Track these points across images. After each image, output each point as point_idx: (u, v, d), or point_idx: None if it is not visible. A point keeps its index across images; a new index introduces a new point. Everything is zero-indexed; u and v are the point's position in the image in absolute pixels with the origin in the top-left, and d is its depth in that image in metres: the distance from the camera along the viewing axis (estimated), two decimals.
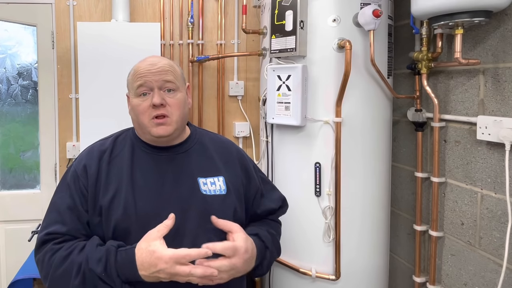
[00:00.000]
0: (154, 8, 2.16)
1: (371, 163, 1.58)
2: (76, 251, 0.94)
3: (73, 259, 0.93)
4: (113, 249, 0.92)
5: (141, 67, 1.02)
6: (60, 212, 1.00)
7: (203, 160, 1.09)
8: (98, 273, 0.89)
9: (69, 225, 0.98)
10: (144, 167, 1.03)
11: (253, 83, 2.23)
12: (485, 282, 1.37)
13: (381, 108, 1.61)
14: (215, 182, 1.05)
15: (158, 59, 1.04)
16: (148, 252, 0.89)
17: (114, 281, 0.90)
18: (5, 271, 2.16)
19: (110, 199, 0.99)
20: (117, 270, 0.90)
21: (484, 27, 1.36)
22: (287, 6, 1.53)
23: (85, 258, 0.92)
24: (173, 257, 0.88)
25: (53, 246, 0.96)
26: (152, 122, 1.00)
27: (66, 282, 0.91)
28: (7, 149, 2.20)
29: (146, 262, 0.89)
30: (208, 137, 1.16)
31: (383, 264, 1.67)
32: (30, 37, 2.17)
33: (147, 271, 0.89)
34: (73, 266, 0.92)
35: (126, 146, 1.07)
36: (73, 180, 1.02)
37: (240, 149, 1.21)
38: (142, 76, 1.00)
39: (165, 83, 1.01)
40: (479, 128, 1.34)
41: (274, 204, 1.19)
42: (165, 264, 0.88)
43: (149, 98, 1.00)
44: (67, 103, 2.12)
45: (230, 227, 0.98)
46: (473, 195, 1.42)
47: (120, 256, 0.91)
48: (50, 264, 0.94)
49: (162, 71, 1.01)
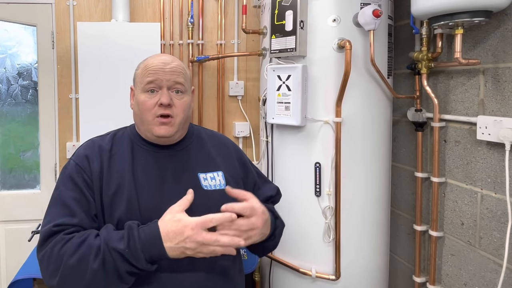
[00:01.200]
0: (154, 8, 2.16)
1: (371, 163, 1.58)
2: (91, 236, 0.90)
3: (90, 243, 0.88)
4: (135, 226, 0.91)
5: (154, 64, 1.01)
6: (66, 205, 0.96)
7: (202, 155, 1.10)
8: (120, 250, 0.86)
9: (79, 216, 0.94)
10: (145, 164, 1.03)
11: (253, 83, 2.23)
12: (485, 282, 1.37)
13: (381, 108, 1.61)
14: (215, 177, 1.06)
15: (171, 59, 1.04)
16: (173, 221, 0.89)
17: (138, 258, 0.86)
18: (5, 271, 2.16)
19: (112, 195, 0.98)
20: (141, 245, 0.87)
21: (484, 27, 1.36)
22: (287, 6, 1.53)
23: (103, 240, 0.88)
24: (199, 223, 0.88)
25: (63, 236, 0.91)
26: (156, 121, 1.00)
27: (82, 270, 0.86)
28: (7, 149, 2.20)
29: (172, 231, 0.88)
30: (205, 133, 1.18)
31: (383, 264, 1.67)
32: (30, 37, 2.17)
33: (172, 242, 0.87)
34: (91, 250, 0.87)
35: (125, 144, 1.06)
36: (76, 172, 0.99)
37: (236, 145, 1.23)
38: (153, 73, 1.00)
39: (175, 84, 1.01)
40: (479, 128, 1.34)
41: (271, 192, 1.21)
42: (191, 230, 0.87)
43: (157, 96, 1.00)
44: (67, 103, 2.12)
45: (244, 194, 0.97)
46: (473, 195, 1.42)
47: (143, 231, 0.89)
48: (62, 254, 0.88)
49: (175, 72, 1.01)
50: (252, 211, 0.94)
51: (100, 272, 0.86)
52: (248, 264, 1.68)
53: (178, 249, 0.88)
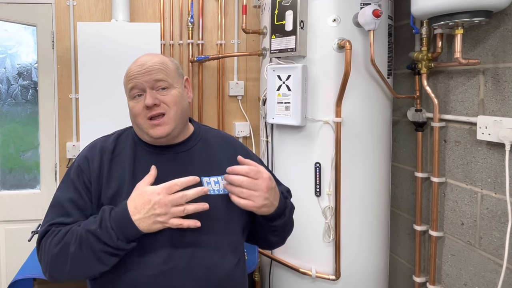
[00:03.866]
0: (154, 8, 2.16)
1: (371, 163, 1.58)
2: (75, 226, 0.93)
3: (71, 231, 0.92)
4: (108, 208, 0.93)
5: (132, 69, 1.01)
6: (63, 206, 0.98)
7: (207, 158, 1.07)
8: (93, 230, 0.88)
9: (74, 216, 0.97)
10: (146, 166, 1.02)
11: (253, 83, 2.23)
12: (485, 282, 1.37)
13: (381, 108, 1.61)
14: (219, 181, 1.03)
15: (148, 58, 1.02)
16: (140, 194, 0.90)
17: (110, 236, 0.88)
18: (5, 271, 2.16)
19: (111, 197, 0.98)
20: (111, 223, 0.89)
21: (484, 27, 1.36)
22: (287, 6, 1.53)
23: (82, 226, 0.92)
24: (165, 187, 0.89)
25: (53, 229, 0.95)
26: (149, 124, 0.99)
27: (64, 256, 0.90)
28: (7, 149, 2.20)
29: (140, 203, 0.89)
30: (212, 134, 1.14)
31: (383, 264, 1.67)
32: (30, 37, 2.17)
33: (141, 212, 0.88)
34: (71, 237, 0.91)
35: (128, 144, 1.06)
36: (77, 174, 1.01)
37: (244, 146, 1.20)
38: (132, 78, 1.00)
39: (156, 83, 0.99)
40: (479, 128, 1.34)
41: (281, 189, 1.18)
42: (157, 195, 0.88)
43: (143, 99, 0.99)
44: (67, 103, 2.12)
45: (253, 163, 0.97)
46: (473, 195, 1.42)
47: (114, 211, 0.91)
48: (49, 247, 0.92)
49: (152, 70, 0.99)
50: (257, 173, 0.94)
51: (78, 254, 0.89)
52: (248, 264, 1.67)
53: (148, 219, 0.88)
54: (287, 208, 1.07)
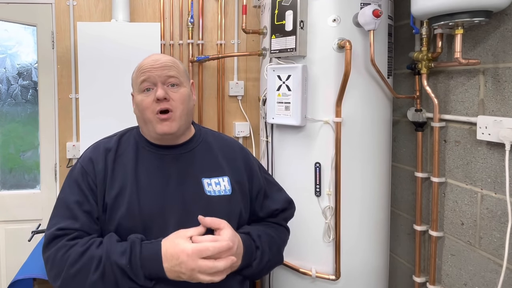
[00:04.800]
0: (154, 8, 2.16)
1: (371, 163, 1.58)
2: (94, 246, 0.92)
3: (92, 254, 0.90)
4: (138, 241, 0.91)
5: (145, 63, 1.03)
6: (69, 207, 0.98)
7: (208, 159, 1.08)
8: (122, 265, 0.87)
9: (81, 220, 0.96)
10: (149, 167, 1.03)
11: (253, 83, 2.23)
12: (485, 282, 1.37)
13: (381, 108, 1.61)
14: (220, 183, 1.04)
15: (161, 56, 1.05)
16: (174, 243, 0.90)
17: (138, 274, 0.88)
18: (5, 271, 2.16)
19: (114, 197, 0.98)
20: (141, 262, 0.88)
21: (484, 27, 1.36)
22: (287, 6, 1.53)
23: (105, 252, 0.90)
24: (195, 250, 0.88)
25: (66, 242, 0.93)
26: (157, 118, 0.99)
27: (83, 279, 0.88)
28: (7, 149, 2.20)
29: (170, 252, 0.89)
30: (212, 136, 1.15)
31: (383, 264, 1.67)
32: (30, 37, 2.17)
33: (169, 263, 0.88)
34: (92, 261, 0.89)
35: (130, 145, 1.06)
36: (81, 175, 1.01)
37: (244, 148, 1.20)
38: (145, 71, 1.01)
39: (168, 78, 1.01)
40: (479, 128, 1.34)
41: (277, 205, 1.15)
42: (186, 256, 0.88)
43: (153, 93, 1.00)
44: (67, 103, 2.13)
45: (218, 224, 0.96)
46: (473, 195, 1.42)
47: (146, 248, 0.90)
48: (65, 260, 0.90)
49: (165, 66, 1.01)
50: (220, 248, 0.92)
51: (99, 284, 0.88)
52: None
53: (174, 272, 0.89)
54: (255, 260, 1.03)
